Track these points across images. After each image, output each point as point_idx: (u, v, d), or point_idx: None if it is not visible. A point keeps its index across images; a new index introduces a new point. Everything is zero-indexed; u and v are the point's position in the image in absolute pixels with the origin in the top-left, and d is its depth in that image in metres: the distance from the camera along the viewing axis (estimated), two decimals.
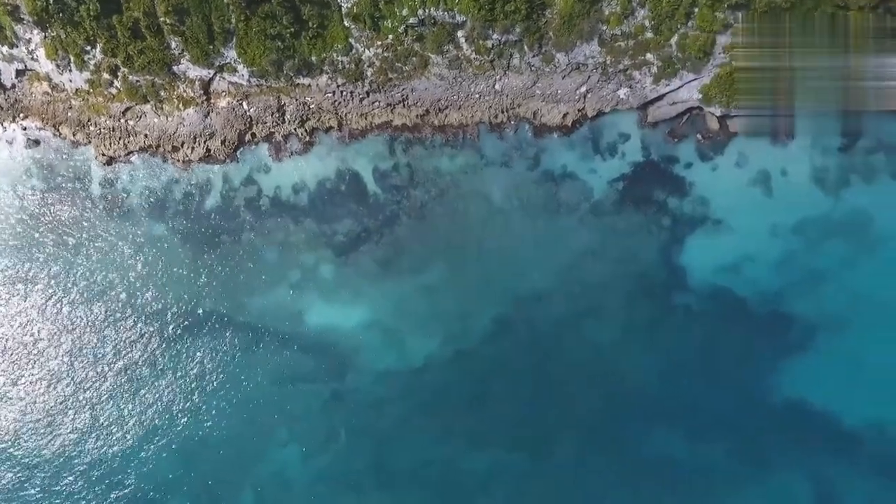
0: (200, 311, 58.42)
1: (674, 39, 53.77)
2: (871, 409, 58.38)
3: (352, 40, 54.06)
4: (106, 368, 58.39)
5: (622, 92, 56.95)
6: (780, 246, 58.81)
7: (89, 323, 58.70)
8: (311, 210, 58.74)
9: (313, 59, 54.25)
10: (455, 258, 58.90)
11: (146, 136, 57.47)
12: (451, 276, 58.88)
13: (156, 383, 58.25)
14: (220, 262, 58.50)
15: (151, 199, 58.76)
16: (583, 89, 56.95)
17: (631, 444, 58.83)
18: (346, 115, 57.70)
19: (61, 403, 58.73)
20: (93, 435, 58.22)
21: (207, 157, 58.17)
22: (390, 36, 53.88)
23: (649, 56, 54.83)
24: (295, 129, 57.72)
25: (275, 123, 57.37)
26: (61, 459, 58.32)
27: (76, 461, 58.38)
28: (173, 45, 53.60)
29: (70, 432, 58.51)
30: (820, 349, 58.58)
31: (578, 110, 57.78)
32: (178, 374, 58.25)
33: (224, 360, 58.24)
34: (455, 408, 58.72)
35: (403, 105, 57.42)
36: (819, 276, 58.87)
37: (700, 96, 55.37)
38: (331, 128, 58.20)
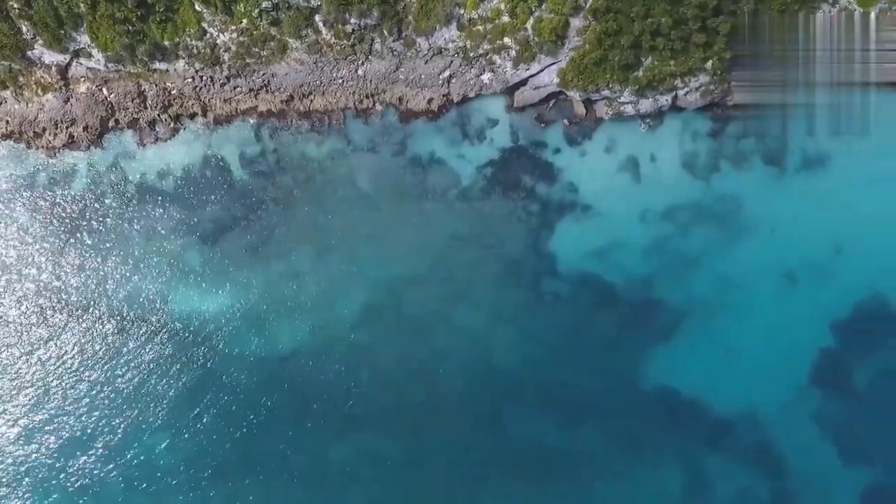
0: (64, 298, 57.95)
1: (529, 23, 53.39)
2: (742, 396, 58.19)
3: (205, 24, 53.53)
4: None
5: (485, 77, 56.59)
6: (650, 232, 58.63)
7: None
8: (178, 196, 58.20)
9: (166, 43, 53.74)
10: (323, 245, 58.45)
11: (7, 122, 56.94)
12: (320, 262, 58.49)
13: (17, 374, 57.77)
14: (84, 249, 58.00)
15: (16, 187, 58.28)
16: (446, 74, 56.57)
17: (502, 431, 58.51)
18: (209, 100, 57.24)
19: None
20: None
21: (71, 144, 57.62)
22: (244, 20, 53.43)
23: (507, 40, 54.46)
24: (159, 115, 57.23)
25: (137, 109, 56.88)
26: None
27: None
28: (24, 29, 53.15)
29: None
30: (690, 335, 58.41)
31: (443, 95, 57.40)
32: (41, 364, 57.57)
33: (88, 349, 57.69)
34: (324, 394, 58.30)
35: (266, 90, 57.00)
36: (689, 262, 58.71)
37: (558, 80, 55.06)
38: (195, 114, 57.67)
